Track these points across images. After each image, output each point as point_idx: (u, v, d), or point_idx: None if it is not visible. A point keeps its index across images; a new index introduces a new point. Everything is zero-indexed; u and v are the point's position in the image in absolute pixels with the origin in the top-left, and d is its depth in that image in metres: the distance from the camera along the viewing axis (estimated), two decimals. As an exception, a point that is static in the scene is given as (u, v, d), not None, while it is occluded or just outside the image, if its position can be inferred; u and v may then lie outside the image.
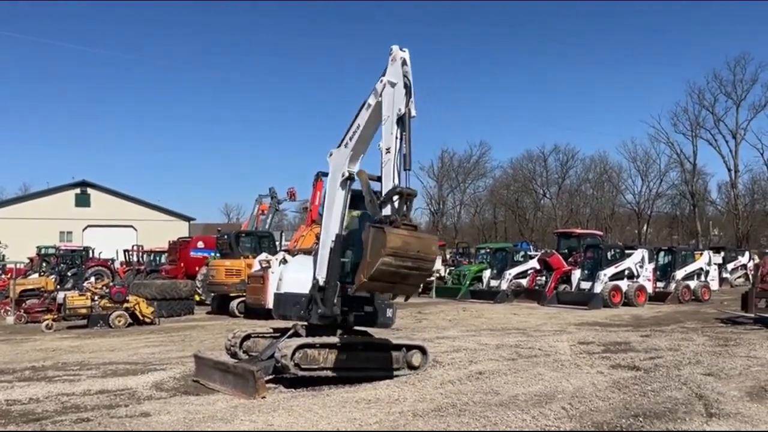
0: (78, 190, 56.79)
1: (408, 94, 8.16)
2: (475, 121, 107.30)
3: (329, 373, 8.68)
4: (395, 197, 7.77)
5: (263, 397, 7.97)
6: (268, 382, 8.48)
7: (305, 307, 9.19)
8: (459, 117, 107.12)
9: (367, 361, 9.04)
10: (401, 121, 8.08)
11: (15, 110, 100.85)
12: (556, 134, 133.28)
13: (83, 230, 54.35)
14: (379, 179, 8.33)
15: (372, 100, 8.73)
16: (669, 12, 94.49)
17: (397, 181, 7.97)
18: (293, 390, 8.48)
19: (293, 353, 8.37)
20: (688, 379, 9.04)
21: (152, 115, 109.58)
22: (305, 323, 9.31)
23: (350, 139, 9.12)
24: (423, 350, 9.69)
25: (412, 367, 9.44)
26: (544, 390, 8.46)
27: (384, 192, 8.04)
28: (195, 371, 9.47)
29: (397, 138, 8.07)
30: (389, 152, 8.12)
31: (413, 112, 8.11)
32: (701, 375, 9.34)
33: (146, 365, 10.69)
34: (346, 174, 9.16)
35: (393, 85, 8.33)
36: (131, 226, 54.85)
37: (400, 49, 8.39)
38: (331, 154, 9.46)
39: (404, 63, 8.30)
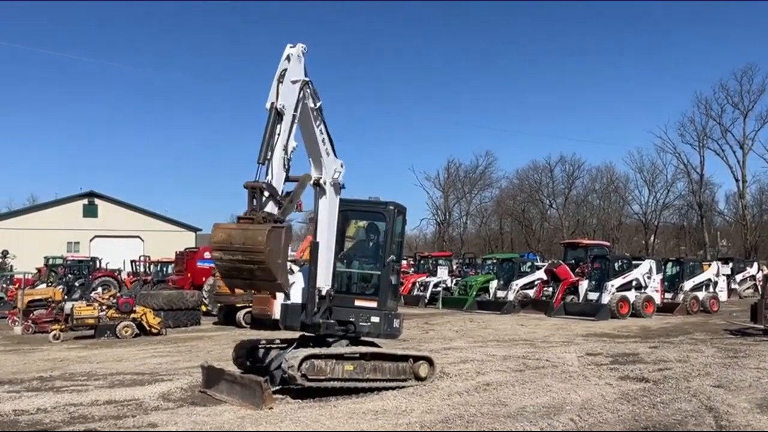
0: (85, 201, 57.11)
1: (278, 86, 8.18)
2: (481, 131, 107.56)
3: (336, 384, 8.67)
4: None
5: (270, 408, 7.96)
6: (275, 393, 8.46)
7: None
8: (465, 127, 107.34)
9: (375, 372, 9.02)
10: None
11: (23, 121, 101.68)
12: (561, 145, 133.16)
13: (90, 241, 54.57)
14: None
15: None
16: (675, 22, 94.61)
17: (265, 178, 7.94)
18: (300, 401, 8.46)
19: (300, 364, 8.37)
20: (697, 390, 8.99)
21: (159, 125, 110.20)
22: (312, 334, 9.31)
23: None
24: (430, 361, 9.66)
25: (419, 378, 9.41)
26: (553, 402, 8.43)
27: None
28: (202, 382, 9.47)
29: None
30: None
31: (277, 104, 8.07)
32: (711, 387, 9.28)
33: (153, 376, 10.70)
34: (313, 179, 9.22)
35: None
36: (138, 237, 55.08)
37: (290, 46, 8.49)
38: None
39: (286, 58, 8.39)
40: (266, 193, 7.69)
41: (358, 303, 9.43)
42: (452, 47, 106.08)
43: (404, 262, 34.37)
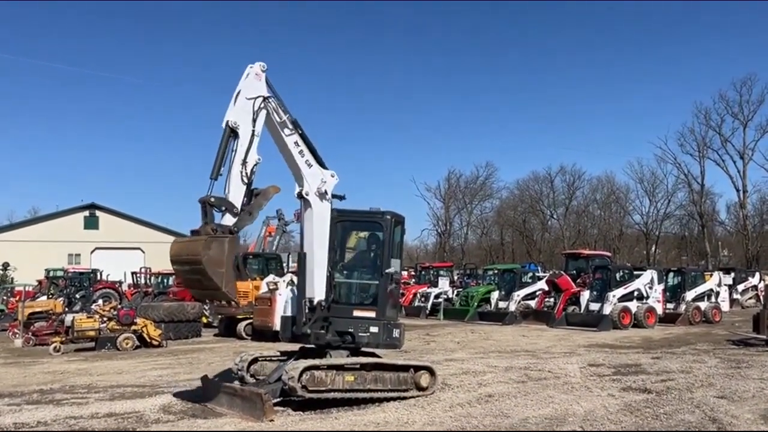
0: (86, 213, 57.08)
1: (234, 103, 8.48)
2: (481, 142, 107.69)
3: (337, 395, 8.63)
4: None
5: (271, 420, 7.93)
6: (276, 405, 8.43)
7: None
8: (465, 138, 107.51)
9: (375, 383, 8.99)
10: None
11: (25, 132, 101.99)
12: (562, 155, 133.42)
13: (91, 253, 54.53)
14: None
15: None
16: (675, 32, 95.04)
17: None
18: (301, 413, 8.42)
19: (300, 375, 8.34)
20: (700, 401, 8.95)
21: (161, 137, 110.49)
22: (312, 345, 9.29)
23: None
24: (431, 371, 9.62)
25: (420, 388, 9.37)
26: (555, 413, 8.38)
27: None
28: (202, 394, 9.43)
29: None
30: None
31: (229, 121, 8.33)
32: (714, 398, 9.23)
33: (154, 388, 10.66)
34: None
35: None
36: (139, 249, 54.97)
37: (250, 66, 8.73)
38: None
39: (245, 77, 8.66)
40: (223, 207, 8.04)
41: (356, 313, 9.41)
42: (453, 57, 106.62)
43: (405, 273, 34.35)
